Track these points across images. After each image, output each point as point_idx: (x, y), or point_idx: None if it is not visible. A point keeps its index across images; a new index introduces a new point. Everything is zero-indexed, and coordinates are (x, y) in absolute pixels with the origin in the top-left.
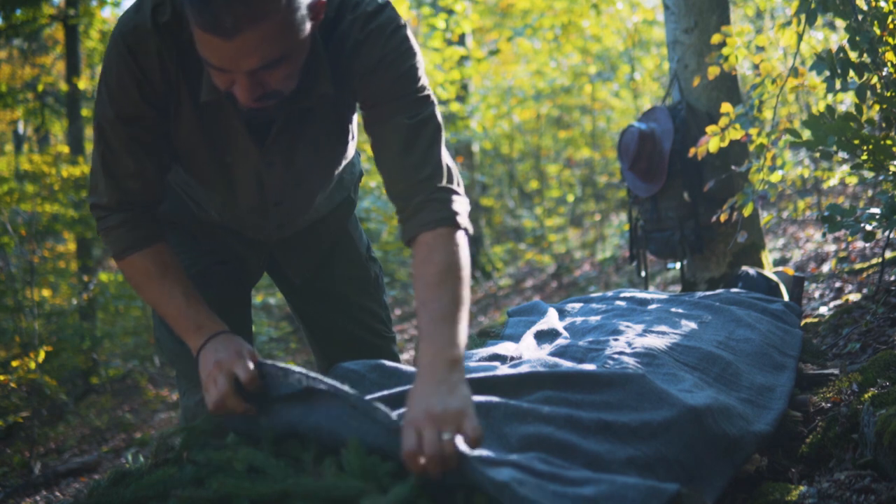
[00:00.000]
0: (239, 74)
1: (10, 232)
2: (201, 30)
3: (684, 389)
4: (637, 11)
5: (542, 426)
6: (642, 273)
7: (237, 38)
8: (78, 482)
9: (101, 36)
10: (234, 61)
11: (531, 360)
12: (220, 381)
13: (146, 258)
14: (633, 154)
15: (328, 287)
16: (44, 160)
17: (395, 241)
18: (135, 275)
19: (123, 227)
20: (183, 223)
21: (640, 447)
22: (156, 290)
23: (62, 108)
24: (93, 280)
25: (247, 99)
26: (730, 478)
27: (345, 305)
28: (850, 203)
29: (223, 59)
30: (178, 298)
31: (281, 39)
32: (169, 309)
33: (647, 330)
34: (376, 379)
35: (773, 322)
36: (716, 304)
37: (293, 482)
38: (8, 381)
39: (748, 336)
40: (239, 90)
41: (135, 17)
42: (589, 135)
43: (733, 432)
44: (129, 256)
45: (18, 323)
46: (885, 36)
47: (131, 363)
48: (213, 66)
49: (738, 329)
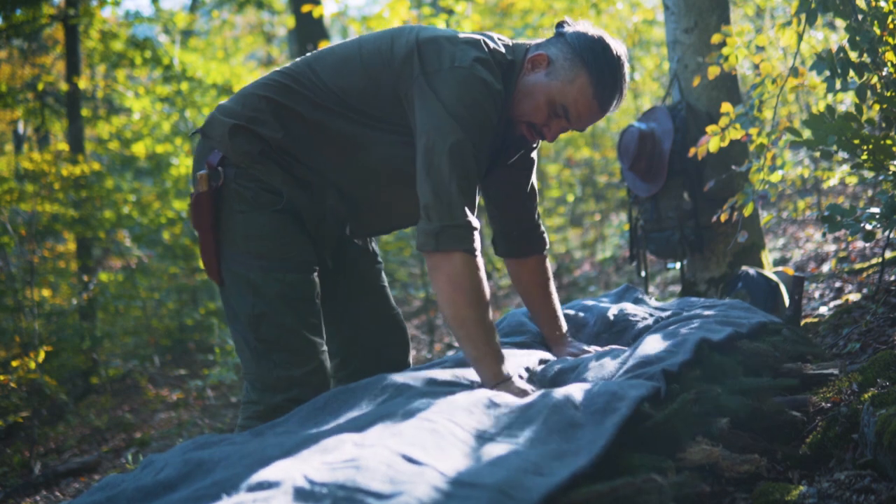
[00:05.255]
0: (565, 124)
1: (10, 232)
2: (592, 93)
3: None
4: (637, 11)
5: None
6: (642, 273)
7: (605, 113)
8: (78, 482)
9: (101, 36)
10: (588, 122)
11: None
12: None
13: (480, 263)
14: (633, 154)
15: (352, 266)
16: (44, 159)
17: (395, 241)
18: (478, 275)
19: (476, 230)
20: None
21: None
22: (485, 300)
23: (62, 107)
24: (93, 280)
25: (553, 137)
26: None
27: (370, 279)
28: (850, 203)
29: (583, 119)
30: (490, 322)
31: None
32: (488, 325)
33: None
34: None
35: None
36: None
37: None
38: (8, 381)
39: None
40: (553, 130)
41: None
42: (589, 135)
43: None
44: (476, 256)
45: (18, 323)
46: (885, 36)
47: (131, 363)
48: (566, 111)
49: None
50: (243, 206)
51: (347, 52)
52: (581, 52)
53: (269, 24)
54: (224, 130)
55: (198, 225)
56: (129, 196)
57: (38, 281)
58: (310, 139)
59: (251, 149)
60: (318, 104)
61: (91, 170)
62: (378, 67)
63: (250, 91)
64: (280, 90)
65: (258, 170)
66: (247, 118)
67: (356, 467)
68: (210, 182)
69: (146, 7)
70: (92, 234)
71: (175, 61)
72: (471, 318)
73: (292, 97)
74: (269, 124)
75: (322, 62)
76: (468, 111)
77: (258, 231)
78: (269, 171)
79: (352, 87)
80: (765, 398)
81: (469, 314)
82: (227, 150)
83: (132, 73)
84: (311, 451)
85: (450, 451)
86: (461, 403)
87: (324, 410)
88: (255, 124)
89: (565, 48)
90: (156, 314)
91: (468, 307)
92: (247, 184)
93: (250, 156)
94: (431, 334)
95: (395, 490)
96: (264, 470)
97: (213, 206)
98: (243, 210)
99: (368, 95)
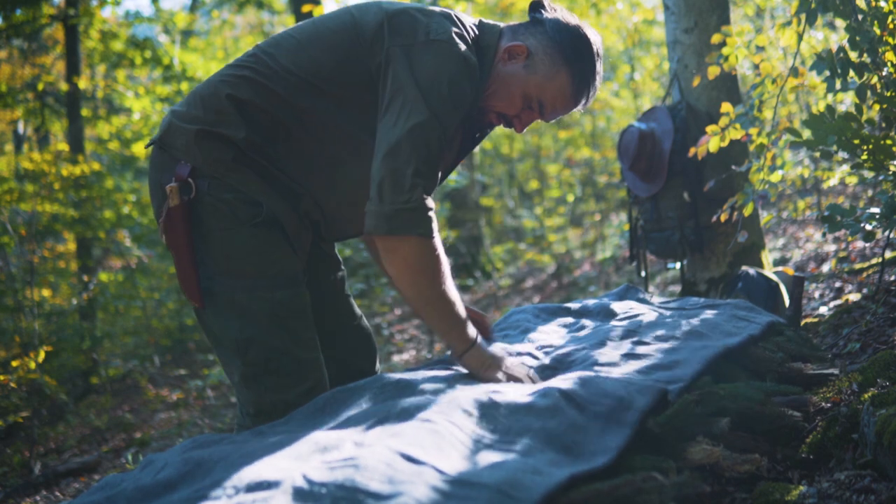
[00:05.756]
0: (536, 116)
1: (10, 232)
2: (571, 92)
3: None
4: (637, 11)
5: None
6: (642, 273)
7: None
8: (78, 482)
9: (101, 36)
10: (559, 116)
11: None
12: (531, 372)
13: (438, 244)
14: (633, 154)
15: (315, 275)
16: (44, 159)
17: None
18: (437, 256)
19: (431, 211)
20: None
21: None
22: (447, 275)
23: (62, 107)
24: (93, 280)
25: (523, 129)
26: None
27: (335, 288)
28: (850, 203)
29: (557, 113)
30: (454, 289)
31: None
32: (453, 296)
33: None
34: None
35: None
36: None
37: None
38: (8, 381)
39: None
40: (523, 122)
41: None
42: (589, 135)
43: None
44: (434, 239)
45: (18, 323)
46: (885, 36)
47: (131, 363)
48: (541, 106)
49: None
50: (222, 222)
51: (306, 34)
52: (562, 47)
53: (269, 24)
54: (188, 138)
55: (172, 243)
56: (129, 196)
57: (38, 281)
58: (279, 137)
59: (223, 155)
60: (284, 95)
61: (91, 170)
62: (345, 46)
63: (208, 91)
64: (241, 85)
65: (234, 179)
66: (211, 122)
67: (355, 466)
68: (181, 195)
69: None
70: (92, 234)
71: (175, 61)
72: (434, 295)
73: (256, 90)
74: (236, 125)
75: (280, 47)
76: (443, 89)
77: (240, 249)
78: (245, 179)
79: (319, 67)
80: (766, 400)
81: (433, 293)
82: (195, 160)
83: (132, 73)
84: (311, 451)
85: (449, 451)
86: (460, 404)
87: (323, 411)
88: (221, 127)
89: (545, 40)
90: (156, 314)
91: (431, 288)
92: (223, 195)
93: (223, 163)
94: (431, 334)
95: (393, 490)
96: (264, 470)
97: (187, 221)
98: (222, 227)
99: (337, 75)
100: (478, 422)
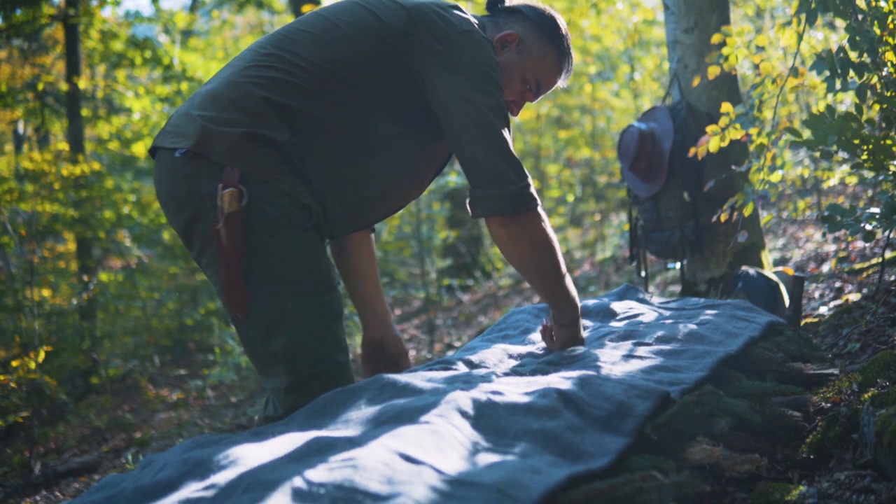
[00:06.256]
0: (531, 97)
1: (10, 232)
2: (559, 67)
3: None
4: (637, 11)
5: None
6: (642, 273)
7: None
8: (78, 482)
9: (101, 36)
10: (550, 87)
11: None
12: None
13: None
14: (633, 154)
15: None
16: (44, 159)
17: (395, 241)
18: (548, 231)
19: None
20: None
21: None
22: (558, 245)
23: (62, 107)
24: (93, 280)
25: (519, 111)
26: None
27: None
28: (850, 203)
29: (548, 89)
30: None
31: None
32: (564, 265)
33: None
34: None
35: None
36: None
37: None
38: (8, 381)
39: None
40: (519, 105)
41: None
42: (589, 135)
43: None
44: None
45: (18, 323)
46: (885, 36)
47: (131, 363)
48: (538, 86)
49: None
50: (273, 227)
51: (320, 28)
52: (544, 28)
53: (269, 24)
54: (233, 142)
55: (228, 251)
56: (129, 196)
57: (38, 281)
58: (312, 136)
59: (272, 158)
60: (317, 91)
61: (91, 170)
62: (373, 40)
63: (237, 94)
64: (273, 86)
65: (285, 182)
66: (252, 124)
67: (354, 467)
68: (238, 201)
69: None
70: (92, 234)
71: (175, 61)
72: (555, 267)
73: (290, 90)
74: (278, 127)
75: (297, 44)
76: (493, 73)
77: (293, 255)
78: (292, 181)
79: (343, 59)
80: (766, 401)
81: (553, 265)
82: (244, 165)
83: (132, 73)
84: (310, 451)
85: (448, 451)
86: (459, 404)
87: (323, 412)
88: (264, 129)
89: (529, 25)
90: (156, 314)
91: (551, 259)
92: (276, 201)
93: (274, 167)
94: (431, 334)
95: (392, 491)
96: (263, 470)
97: (244, 227)
98: (274, 233)
99: (366, 68)
100: (477, 422)
